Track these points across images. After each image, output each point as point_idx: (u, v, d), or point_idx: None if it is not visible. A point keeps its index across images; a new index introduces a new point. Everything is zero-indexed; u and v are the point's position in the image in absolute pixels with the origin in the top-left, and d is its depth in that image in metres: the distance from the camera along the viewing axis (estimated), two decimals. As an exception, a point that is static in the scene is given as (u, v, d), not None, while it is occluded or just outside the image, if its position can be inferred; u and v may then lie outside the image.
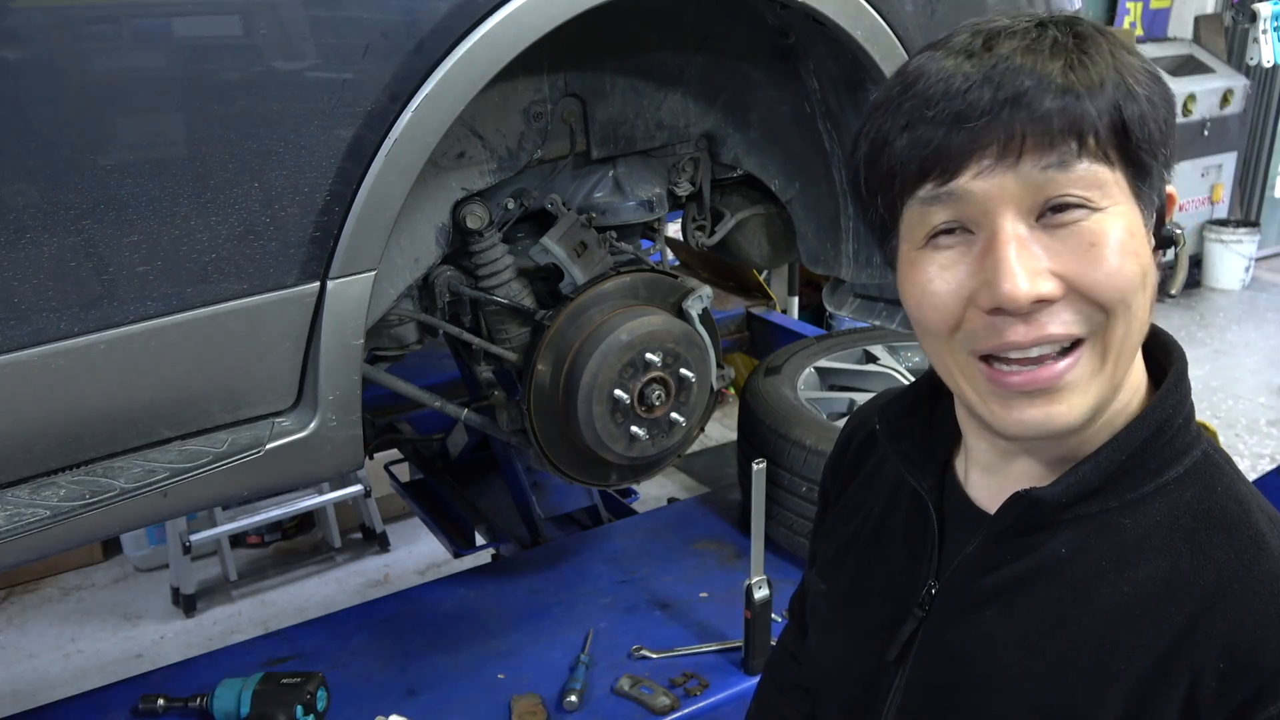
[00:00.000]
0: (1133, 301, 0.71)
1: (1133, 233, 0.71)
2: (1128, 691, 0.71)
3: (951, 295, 0.73)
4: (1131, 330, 0.72)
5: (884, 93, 0.76)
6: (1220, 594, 0.70)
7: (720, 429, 4.36)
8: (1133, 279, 0.71)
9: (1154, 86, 0.71)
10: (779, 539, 2.04)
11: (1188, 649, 0.70)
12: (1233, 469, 0.79)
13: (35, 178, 1.15)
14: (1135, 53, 0.73)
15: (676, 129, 1.81)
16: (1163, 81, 0.72)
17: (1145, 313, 0.73)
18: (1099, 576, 0.75)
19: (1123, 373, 0.75)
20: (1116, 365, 0.73)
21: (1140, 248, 0.71)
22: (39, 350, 1.20)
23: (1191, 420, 0.79)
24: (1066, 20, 0.73)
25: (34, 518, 1.24)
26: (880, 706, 0.88)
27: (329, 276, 1.34)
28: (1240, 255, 6.16)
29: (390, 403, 2.48)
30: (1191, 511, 0.75)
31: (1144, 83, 0.70)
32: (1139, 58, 0.72)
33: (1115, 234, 0.70)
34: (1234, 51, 6.18)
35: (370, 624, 1.94)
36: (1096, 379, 0.73)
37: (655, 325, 1.68)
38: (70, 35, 1.14)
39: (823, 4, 1.55)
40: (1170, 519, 0.75)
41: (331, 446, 1.43)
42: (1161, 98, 0.71)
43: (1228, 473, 0.78)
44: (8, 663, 3.24)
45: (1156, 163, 0.72)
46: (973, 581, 0.82)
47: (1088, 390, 0.73)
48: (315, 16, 1.26)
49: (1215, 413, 4.60)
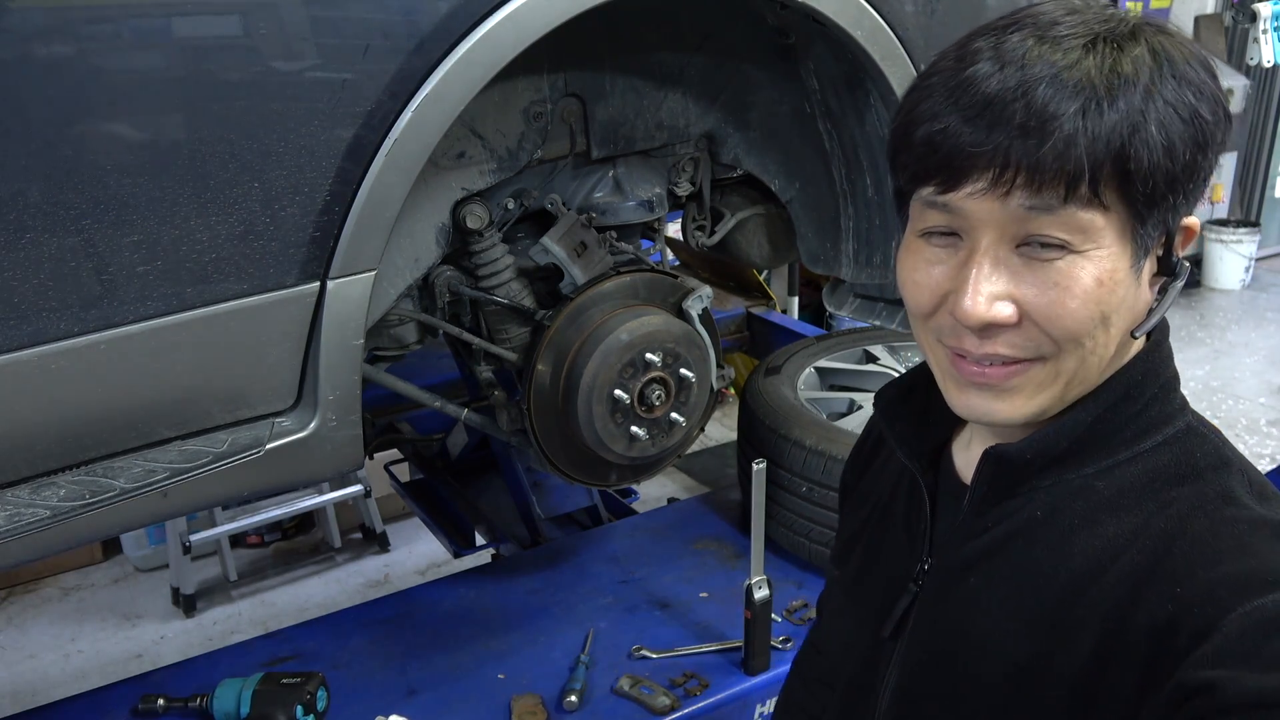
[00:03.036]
0: (1086, 341, 0.74)
1: (1104, 279, 0.72)
2: (1096, 637, 0.73)
3: (930, 290, 0.77)
4: (1087, 362, 0.76)
5: (941, 58, 0.76)
6: (1176, 537, 0.73)
7: (720, 429, 4.36)
8: (1087, 322, 0.73)
9: (1185, 127, 0.70)
10: (779, 539, 2.04)
11: (1146, 594, 0.71)
12: (1219, 439, 0.80)
13: (35, 178, 1.15)
14: (1187, 76, 0.71)
15: (676, 129, 1.81)
16: (1201, 116, 0.71)
17: (1106, 346, 0.76)
18: (1072, 533, 0.78)
19: (1078, 385, 0.77)
20: (1068, 384, 0.77)
21: (1109, 294, 0.73)
22: (39, 350, 1.20)
23: (1172, 392, 0.81)
24: (1124, 34, 0.72)
25: (34, 518, 1.24)
26: (878, 683, 0.90)
27: (329, 276, 1.34)
28: (1240, 255, 6.16)
29: (390, 403, 2.48)
30: (1167, 475, 0.77)
31: (1172, 122, 0.69)
32: (1189, 83, 0.71)
33: (1085, 280, 0.72)
34: (1234, 51, 6.18)
35: (370, 624, 1.94)
36: (1045, 390, 0.77)
37: (655, 325, 1.68)
38: (70, 35, 1.14)
39: (823, 4, 1.55)
40: (1146, 481, 0.77)
41: (331, 446, 1.42)
42: (1192, 138, 0.70)
43: (1212, 440, 0.79)
44: (8, 663, 3.24)
45: (1165, 204, 0.72)
46: (958, 551, 0.85)
47: (1034, 397, 0.77)
48: (315, 16, 1.26)
49: (1215, 413, 4.60)
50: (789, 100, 1.86)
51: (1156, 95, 0.69)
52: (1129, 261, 0.73)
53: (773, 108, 1.87)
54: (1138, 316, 0.77)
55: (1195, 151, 0.71)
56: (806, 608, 1.92)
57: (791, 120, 1.87)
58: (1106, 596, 0.74)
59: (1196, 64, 0.72)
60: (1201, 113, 0.71)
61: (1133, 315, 0.76)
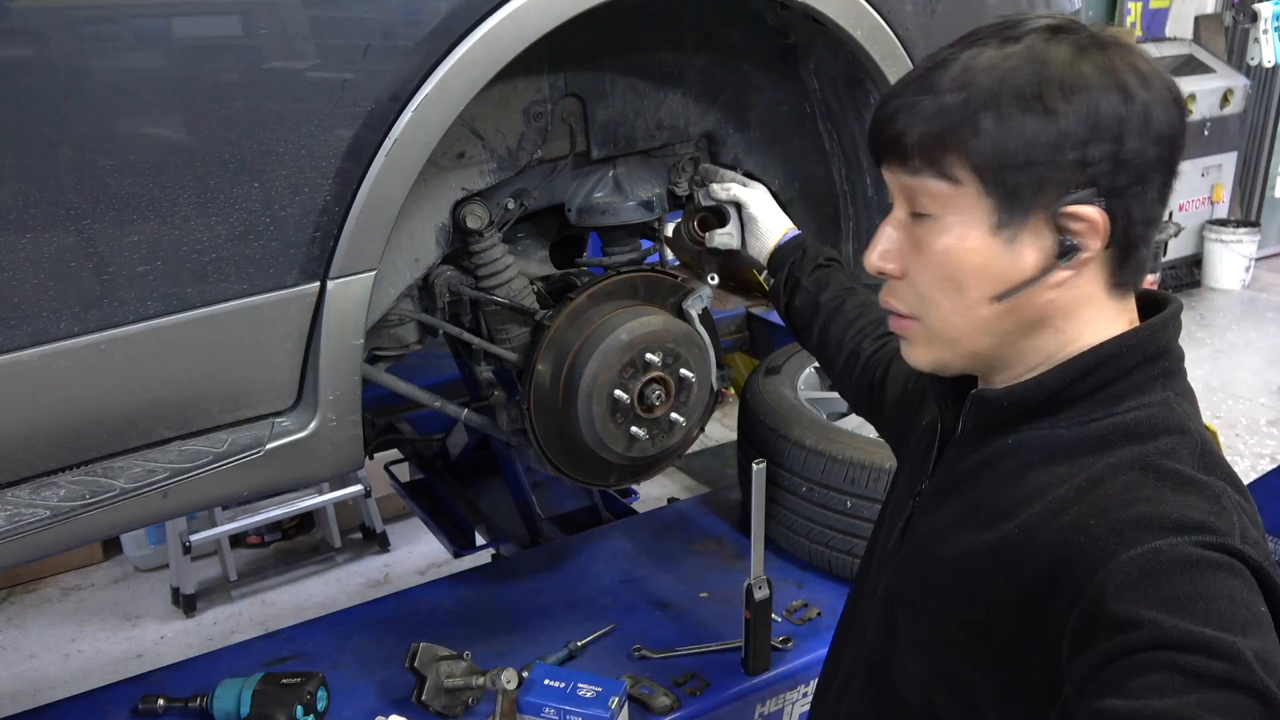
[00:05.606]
0: (942, 300, 0.88)
1: (952, 246, 0.85)
2: (1020, 554, 0.82)
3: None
4: (949, 322, 0.89)
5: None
6: (1106, 480, 0.80)
7: (720, 429, 4.36)
8: (935, 282, 0.88)
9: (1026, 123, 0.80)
10: (779, 539, 2.04)
11: (1064, 523, 0.79)
12: (1189, 416, 0.86)
13: (35, 178, 1.15)
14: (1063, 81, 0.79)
15: (676, 129, 1.80)
16: (1048, 117, 0.79)
17: (970, 310, 0.87)
18: (1029, 468, 0.87)
19: (968, 346, 0.89)
20: (951, 343, 0.90)
21: (956, 259, 0.85)
22: (39, 350, 1.20)
23: (1158, 368, 0.86)
24: (1010, 36, 0.84)
25: (34, 518, 1.24)
26: (880, 583, 1.03)
27: (329, 276, 1.34)
28: (1240, 255, 6.16)
29: (390, 403, 2.48)
30: (1126, 433, 0.84)
31: (1021, 103, 0.80)
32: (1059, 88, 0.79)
33: (936, 244, 0.87)
34: (1234, 51, 6.18)
35: (370, 624, 1.94)
36: (931, 346, 0.92)
37: (655, 325, 1.68)
38: (70, 35, 1.14)
39: (823, 4, 1.55)
40: (1105, 435, 0.84)
41: (331, 446, 1.43)
42: (1032, 134, 0.80)
43: (1180, 413, 0.85)
44: (8, 663, 3.24)
45: (1018, 187, 0.82)
46: (945, 475, 0.97)
47: (926, 349, 0.93)
48: (315, 16, 1.26)
49: (1215, 413, 4.60)
50: (789, 100, 1.86)
51: (1007, 89, 0.80)
52: (985, 232, 0.84)
53: (773, 108, 1.87)
54: (1008, 286, 0.85)
55: (1039, 149, 0.80)
56: (806, 607, 1.92)
57: (791, 120, 1.87)
58: (1033, 522, 0.82)
59: (1090, 73, 0.80)
60: (1048, 114, 0.80)
61: (1000, 284, 0.85)
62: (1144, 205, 0.83)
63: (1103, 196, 0.81)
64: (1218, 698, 0.65)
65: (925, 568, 0.94)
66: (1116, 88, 0.79)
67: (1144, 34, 6.08)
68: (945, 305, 0.88)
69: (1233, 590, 0.70)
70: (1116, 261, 0.85)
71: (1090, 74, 0.80)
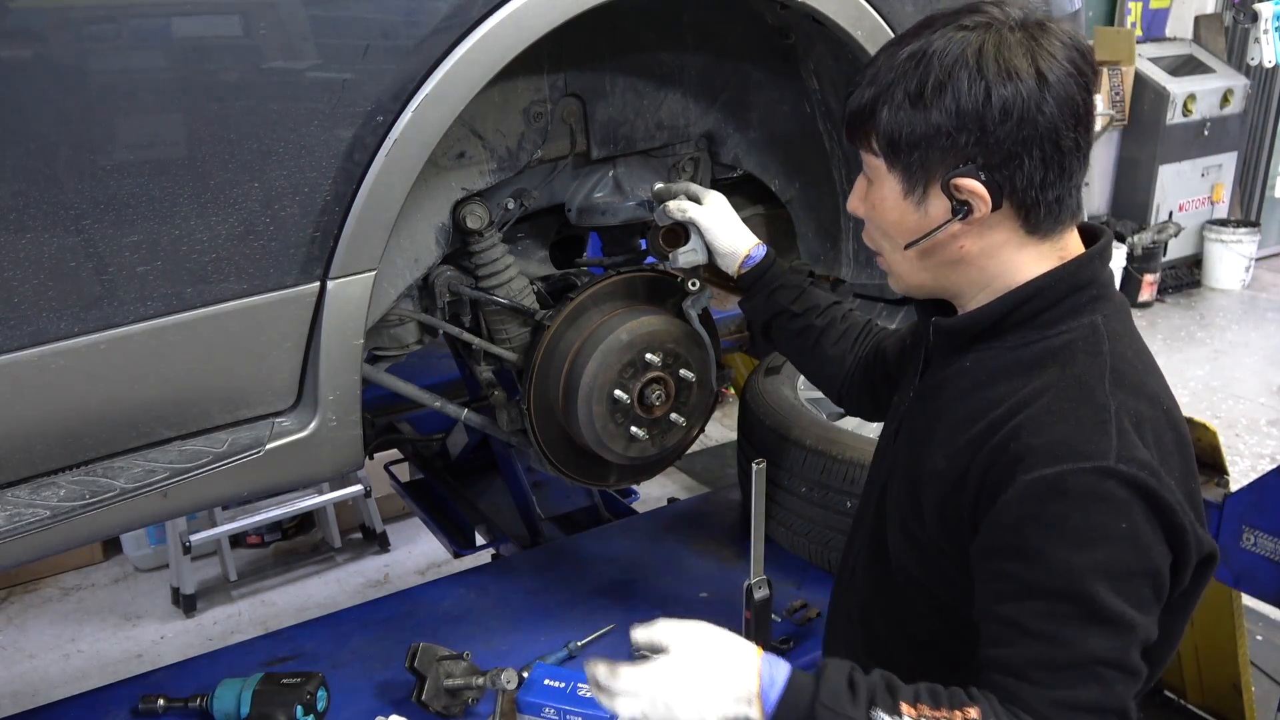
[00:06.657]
0: (883, 241, 1.15)
1: (876, 202, 1.12)
2: (965, 461, 1.04)
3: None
4: (892, 259, 1.15)
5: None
6: (1028, 405, 1.00)
7: (720, 429, 4.36)
8: (875, 231, 1.15)
9: (918, 107, 1.01)
10: (779, 539, 2.04)
11: (995, 442, 1.01)
12: (1115, 330, 1.05)
13: (35, 178, 1.15)
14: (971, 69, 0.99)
15: (677, 129, 1.81)
16: (940, 104, 1.00)
17: (896, 255, 1.13)
18: (979, 386, 1.08)
19: (914, 280, 1.14)
20: (899, 277, 1.16)
21: (879, 213, 1.12)
22: (39, 350, 1.20)
23: (1084, 296, 1.05)
24: (934, 27, 1.03)
25: (34, 518, 1.24)
26: (883, 473, 1.25)
27: (329, 276, 1.34)
28: (1240, 255, 6.16)
29: (390, 403, 2.48)
30: (1052, 355, 1.04)
31: (906, 99, 1.02)
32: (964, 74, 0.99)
33: (872, 199, 1.13)
34: (1234, 51, 6.18)
35: (370, 624, 1.94)
36: (893, 277, 1.17)
37: (655, 325, 1.68)
38: (70, 35, 1.14)
39: (823, 4, 1.55)
40: (1037, 357, 1.05)
41: (331, 446, 1.43)
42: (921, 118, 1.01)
43: (1097, 336, 1.04)
44: (8, 663, 3.24)
45: (913, 157, 1.04)
46: (924, 386, 1.19)
47: (899, 280, 1.17)
48: (315, 16, 1.26)
49: (1215, 413, 4.59)
50: (789, 100, 1.86)
51: (898, 86, 1.02)
52: (898, 193, 1.08)
53: (773, 108, 1.87)
54: (918, 236, 1.08)
55: (919, 138, 1.02)
56: (806, 608, 1.91)
57: (792, 120, 1.87)
58: (978, 436, 1.04)
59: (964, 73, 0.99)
60: (924, 109, 1.01)
61: (911, 234, 1.09)
62: (1024, 174, 1.01)
63: (982, 171, 1.01)
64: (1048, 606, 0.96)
65: (907, 461, 1.16)
66: (986, 83, 0.98)
67: (1144, 34, 6.08)
68: (885, 247, 1.15)
69: (1089, 511, 0.94)
70: (1021, 215, 1.04)
71: (963, 75, 0.98)
